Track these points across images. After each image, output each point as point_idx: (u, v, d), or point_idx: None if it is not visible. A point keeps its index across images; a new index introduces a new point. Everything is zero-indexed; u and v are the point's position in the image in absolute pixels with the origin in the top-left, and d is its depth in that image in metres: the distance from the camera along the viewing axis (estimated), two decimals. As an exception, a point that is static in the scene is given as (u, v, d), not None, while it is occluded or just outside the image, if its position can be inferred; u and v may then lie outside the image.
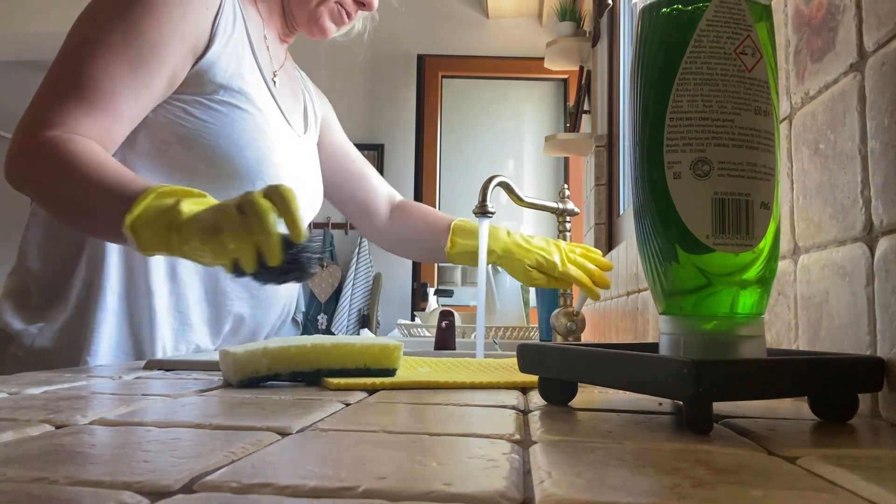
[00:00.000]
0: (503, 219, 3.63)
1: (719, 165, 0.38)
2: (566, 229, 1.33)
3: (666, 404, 0.45)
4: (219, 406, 0.43)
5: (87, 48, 0.82)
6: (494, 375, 0.59)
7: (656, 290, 0.41)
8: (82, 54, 0.82)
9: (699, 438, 0.34)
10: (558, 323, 1.19)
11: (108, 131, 0.82)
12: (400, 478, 0.25)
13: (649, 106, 0.40)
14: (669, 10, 0.40)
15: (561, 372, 0.44)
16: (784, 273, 0.52)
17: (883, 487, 0.24)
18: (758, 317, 0.40)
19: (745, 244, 0.38)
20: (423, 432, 0.34)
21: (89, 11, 0.86)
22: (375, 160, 3.62)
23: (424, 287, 3.36)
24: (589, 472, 0.27)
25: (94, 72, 0.82)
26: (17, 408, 0.40)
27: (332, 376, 0.55)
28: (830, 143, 0.46)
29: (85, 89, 0.81)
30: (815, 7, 0.49)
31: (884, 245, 0.39)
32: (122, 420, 0.37)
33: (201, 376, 0.61)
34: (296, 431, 0.34)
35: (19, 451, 0.28)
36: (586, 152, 2.34)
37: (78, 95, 0.81)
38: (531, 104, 3.81)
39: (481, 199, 1.22)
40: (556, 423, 0.38)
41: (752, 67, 0.39)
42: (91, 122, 0.80)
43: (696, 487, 0.25)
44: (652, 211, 0.40)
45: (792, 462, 0.29)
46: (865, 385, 0.38)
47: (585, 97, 2.45)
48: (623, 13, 2.00)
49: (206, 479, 0.24)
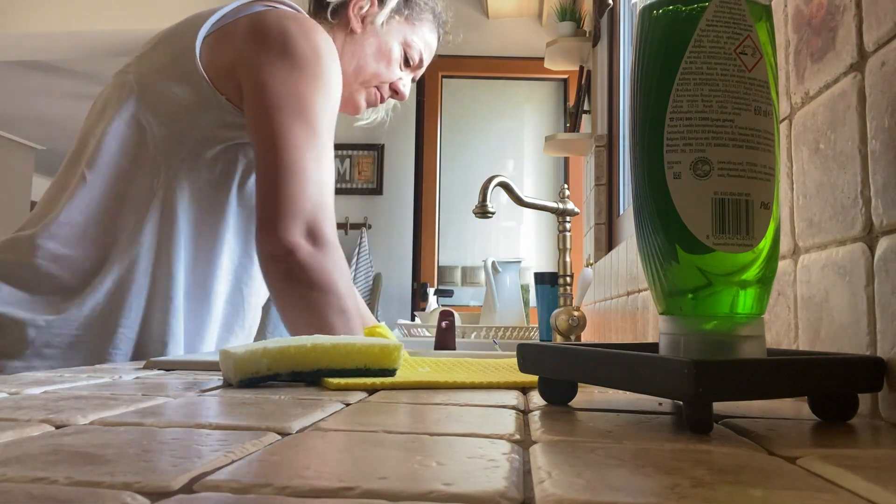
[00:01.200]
0: (503, 219, 3.63)
1: (719, 165, 0.38)
2: (566, 229, 1.33)
3: (666, 404, 0.45)
4: (219, 406, 0.43)
5: (326, 129, 0.91)
6: (494, 375, 0.59)
7: (656, 290, 0.41)
8: (323, 134, 0.90)
9: (699, 438, 0.34)
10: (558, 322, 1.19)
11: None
12: (400, 478, 0.25)
13: (649, 106, 0.40)
14: (669, 10, 0.40)
15: (561, 372, 0.44)
16: (784, 273, 0.52)
17: (883, 487, 0.24)
18: (758, 317, 0.40)
19: (745, 244, 0.38)
20: (423, 432, 0.34)
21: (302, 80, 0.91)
22: (375, 160, 3.62)
23: (424, 287, 3.36)
24: (589, 472, 0.27)
25: (332, 157, 0.93)
26: (17, 408, 0.40)
27: (332, 376, 0.55)
28: (830, 143, 0.46)
29: (332, 177, 0.92)
30: (815, 7, 0.49)
31: (884, 245, 0.39)
32: (122, 420, 0.37)
33: (201, 376, 0.61)
34: (296, 431, 0.34)
35: (19, 451, 0.28)
36: (586, 152, 2.34)
37: (332, 185, 0.92)
38: (531, 104, 3.81)
39: (481, 199, 1.22)
40: (556, 423, 0.38)
41: (752, 67, 0.39)
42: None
43: (695, 487, 0.25)
44: (652, 211, 0.40)
45: (792, 462, 0.29)
46: (865, 385, 0.38)
47: (585, 97, 2.45)
48: (623, 13, 2.00)
49: (206, 479, 0.24)
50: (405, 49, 1.12)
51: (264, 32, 0.91)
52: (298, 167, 0.86)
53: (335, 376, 0.55)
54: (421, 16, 1.14)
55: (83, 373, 0.62)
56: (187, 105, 0.90)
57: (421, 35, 1.14)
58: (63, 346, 0.85)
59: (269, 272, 0.88)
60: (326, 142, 0.90)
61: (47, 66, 4.59)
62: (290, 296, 0.88)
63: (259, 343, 0.56)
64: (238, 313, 1.00)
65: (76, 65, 4.54)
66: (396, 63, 1.12)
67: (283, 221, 0.84)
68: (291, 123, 0.87)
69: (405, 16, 1.12)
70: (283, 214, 0.84)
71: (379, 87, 1.13)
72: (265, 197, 0.86)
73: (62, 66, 4.57)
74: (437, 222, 3.68)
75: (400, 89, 1.15)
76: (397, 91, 1.15)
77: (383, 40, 1.10)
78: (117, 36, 3.44)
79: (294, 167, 0.85)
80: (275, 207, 0.85)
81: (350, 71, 1.08)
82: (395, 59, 1.11)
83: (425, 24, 1.15)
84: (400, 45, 1.12)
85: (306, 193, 0.85)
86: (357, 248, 3.46)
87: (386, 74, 1.11)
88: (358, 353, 0.57)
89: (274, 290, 0.89)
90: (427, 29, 1.15)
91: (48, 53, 3.68)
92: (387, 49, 1.10)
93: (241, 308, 1.00)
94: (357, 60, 1.09)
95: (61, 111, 5.45)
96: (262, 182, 0.87)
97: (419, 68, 1.17)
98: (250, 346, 0.55)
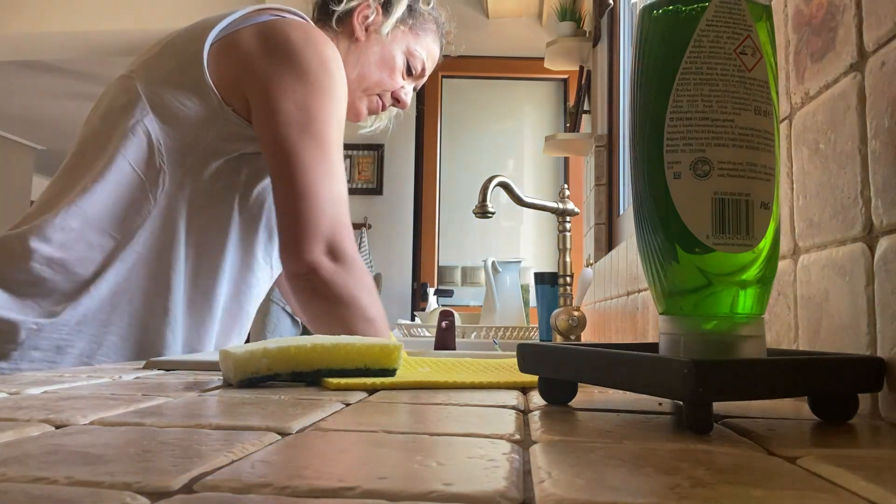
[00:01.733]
0: (503, 219, 3.63)
1: (719, 165, 0.38)
2: (566, 229, 1.33)
3: (666, 404, 0.45)
4: (219, 406, 0.43)
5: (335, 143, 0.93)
6: (494, 375, 0.59)
7: (656, 290, 0.41)
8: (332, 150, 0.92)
9: (699, 438, 0.34)
10: (558, 322, 1.19)
11: None
12: (400, 478, 0.25)
13: (649, 106, 0.40)
14: (669, 10, 0.40)
15: (561, 372, 0.44)
16: (784, 273, 0.52)
17: (883, 487, 0.24)
18: (758, 317, 0.40)
19: (745, 244, 0.38)
20: (423, 432, 0.34)
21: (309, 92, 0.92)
22: (375, 160, 3.62)
23: (424, 287, 3.36)
24: (589, 472, 0.27)
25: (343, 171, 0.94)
26: (17, 408, 0.40)
27: (332, 376, 0.55)
28: (830, 143, 0.46)
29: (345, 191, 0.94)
30: (815, 7, 0.49)
31: (884, 245, 0.39)
32: (122, 420, 0.37)
33: (201, 376, 0.61)
34: (296, 431, 0.34)
35: (19, 451, 0.28)
36: (586, 152, 2.34)
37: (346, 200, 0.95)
38: (531, 104, 3.81)
39: (481, 199, 1.22)
40: (556, 423, 0.38)
41: (752, 67, 0.39)
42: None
43: (696, 487, 0.25)
44: (652, 211, 0.40)
45: (792, 462, 0.29)
46: (865, 385, 0.38)
47: (585, 97, 2.45)
48: (623, 13, 2.00)
49: (206, 479, 0.24)
50: (408, 58, 1.14)
51: (272, 44, 0.91)
52: (312, 190, 0.89)
53: (335, 376, 0.55)
54: (425, 26, 1.15)
55: (83, 373, 0.62)
56: (195, 117, 0.90)
57: (424, 45, 1.15)
58: (51, 349, 0.84)
59: (295, 290, 0.92)
60: (336, 156, 0.92)
61: (47, 66, 4.59)
62: (316, 310, 0.93)
63: (259, 343, 0.56)
64: (236, 322, 1.01)
65: (76, 65, 4.54)
66: (399, 72, 1.13)
67: (303, 243, 0.88)
68: (302, 142, 0.89)
69: (409, 25, 1.13)
70: (303, 236, 0.88)
71: (381, 95, 1.14)
72: (285, 219, 0.90)
73: (62, 66, 4.57)
74: (437, 222, 3.68)
75: (402, 98, 1.16)
76: (399, 99, 1.16)
77: (387, 49, 1.11)
78: (117, 36, 3.44)
79: (308, 190, 0.88)
80: (295, 230, 0.88)
81: (353, 78, 1.09)
82: (397, 67, 1.13)
83: (429, 34, 1.16)
84: (403, 55, 1.13)
85: (323, 213, 0.89)
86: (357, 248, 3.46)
87: (388, 83, 1.12)
88: (358, 354, 0.57)
89: (301, 306, 0.95)
90: (430, 39, 1.17)
91: (48, 53, 3.68)
92: (390, 58, 1.11)
93: (239, 316, 1.01)
94: (360, 68, 1.10)
95: (61, 111, 5.46)
96: (279, 204, 0.90)
97: (421, 77, 1.18)
98: (250, 346, 0.55)
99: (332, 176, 0.91)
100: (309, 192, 0.88)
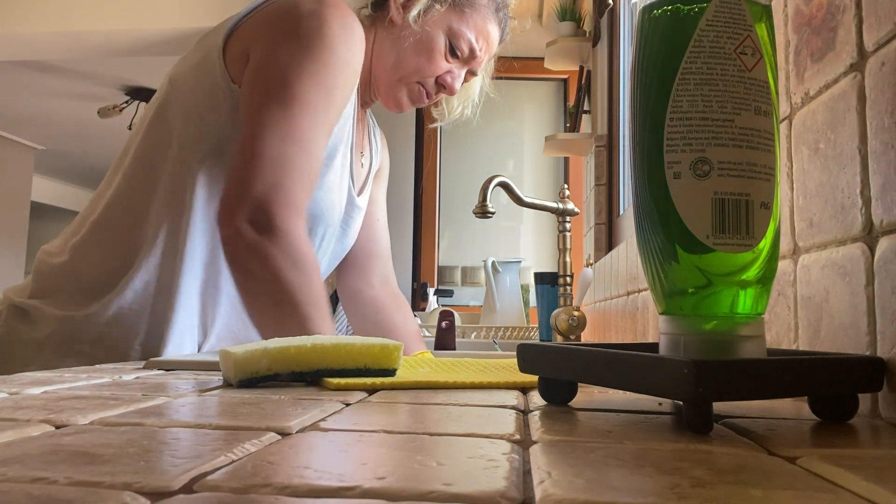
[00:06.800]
0: (503, 219, 3.63)
1: (719, 165, 0.38)
2: (566, 229, 1.33)
3: (666, 404, 0.45)
4: (219, 406, 0.43)
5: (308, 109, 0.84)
6: (494, 375, 0.59)
7: (656, 290, 0.41)
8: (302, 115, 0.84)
9: (699, 438, 0.34)
10: (558, 322, 1.19)
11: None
12: (400, 478, 0.25)
13: (649, 106, 0.40)
14: (669, 10, 0.40)
15: (561, 372, 0.44)
16: (784, 273, 0.52)
17: (883, 487, 0.24)
18: (758, 317, 0.40)
19: (745, 244, 0.38)
20: (423, 432, 0.34)
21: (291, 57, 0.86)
22: (375, 160, 3.62)
23: (424, 287, 3.36)
24: (589, 472, 0.27)
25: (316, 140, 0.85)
26: (17, 408, 0.40)
27: (332, 376, 0.55)
28: (830, 143, 0.46)
29: (309, 159, 0.84)
30: (815, 7, 0.49)
31: (884, 245, 0.39)
32: (122, 420, 0.37)
33: (201, 376, 0.61)
34: (296, 431, 0.34)
35: (19, 451, 0.28)
36: (586, 152, 2.34)
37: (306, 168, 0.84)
38: (531, 104, 3.81)
39: (481, 200, 1.22)
40: (556, 423, 0.38)
41: (752, 67, 0.39)
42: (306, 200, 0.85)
43: (696, 487, 0.25)
44: (652, 211, 0.40)
45: (792, 462, 0.29)
46: (865, 385, 0.38)
47: (585, 97, 2.45)
48: (623, 13, 2.00)
49: (206, 479, 0.24)
50: (450, 39, 1.03)
51: (279, 14, 0.89)
52: (256, 151, 0.80)
53: (335, 376, 0.55)
54: (472, 2, 1.05)
55: (83, 373, 0.62)
56: (209, 101, 0.90)
57: (471, 23, 1.04)
58: (90, 341, 0.87)
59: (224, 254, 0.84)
60: (305, 122, 0.83)
61: (47, 66, 4.59)
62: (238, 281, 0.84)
63: (259, 343, 0.56)
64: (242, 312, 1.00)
65: (76, 65, 4.54)
66: (440, 54, 1.03)
67: (230, 206, 0.80)
68: (266, 103, 0.83)
69: (450, 3, 1.03)
70: (231, 199, 0.80)
71: (423, 83, 1.05)
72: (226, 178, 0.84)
73: (62, 66, 4.57)
74: (437, 222, 3.68)
75: (448, 83, 1.05)
76: (444, 85, 1.06)
77: (425, 31, 1.01)
78: (117, 36, 3.44)
79: (251, 150, 0.81)
80: (226, 191, 0.81)
81: (389, 65, 1.03)
82: (437, 50, 1.03)
83: (478, 10, 1.05)
84: (444, 35, 1.03)
85: (258, 176, 0.80)
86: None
87: (428, 68, 1.03)
88: (358, 353, 0.57)
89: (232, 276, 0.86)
90: (480, 16, 1.05)
91: (48, 53, 3.68)
92: (427, 40, 1.02)
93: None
94: (397, 53, 1.03)
95: (61, 111, 5.45)
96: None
97: (472, 60, 1.07)
98: (250, 346, 0.55)
99: (286, 138, 0.81)
100: (251, 152, 0.80)
